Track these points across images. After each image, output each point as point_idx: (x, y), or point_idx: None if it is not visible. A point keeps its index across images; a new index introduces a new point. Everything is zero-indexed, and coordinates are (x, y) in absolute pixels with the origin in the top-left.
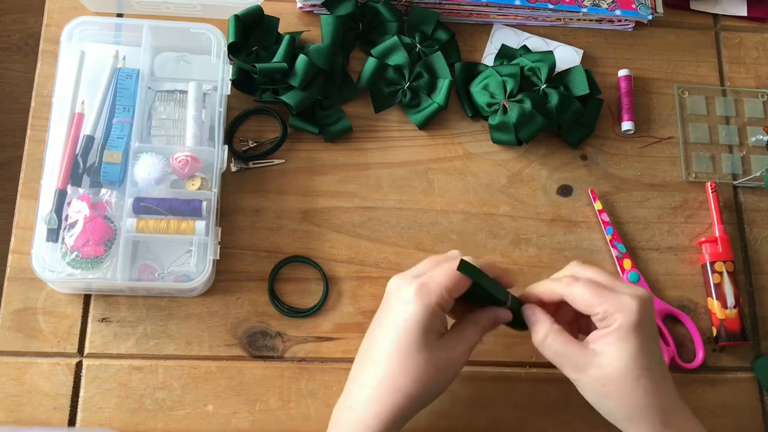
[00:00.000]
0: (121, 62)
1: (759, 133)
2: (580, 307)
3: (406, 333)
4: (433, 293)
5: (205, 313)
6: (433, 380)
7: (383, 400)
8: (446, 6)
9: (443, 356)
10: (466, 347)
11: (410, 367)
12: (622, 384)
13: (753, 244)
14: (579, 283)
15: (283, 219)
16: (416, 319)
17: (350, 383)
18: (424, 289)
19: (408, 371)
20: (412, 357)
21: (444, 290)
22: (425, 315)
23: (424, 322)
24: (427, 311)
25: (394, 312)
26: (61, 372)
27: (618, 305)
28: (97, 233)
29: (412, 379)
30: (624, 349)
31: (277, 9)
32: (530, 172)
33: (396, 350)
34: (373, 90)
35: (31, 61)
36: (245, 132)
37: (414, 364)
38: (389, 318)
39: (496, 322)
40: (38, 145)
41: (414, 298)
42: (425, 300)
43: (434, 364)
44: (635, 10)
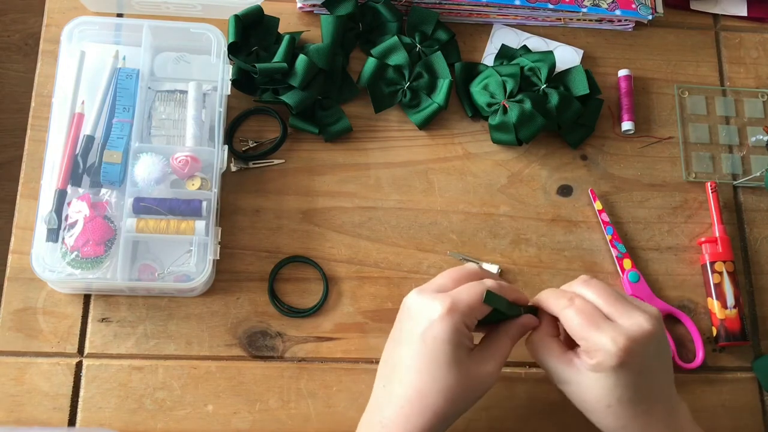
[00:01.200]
0: (121, 62)
1: (759, 133)
2: (569, 333)
3: (436, 351)
4: (462, 313)
5: (205, 313)
6: (464, 398)
7: (414, 419)
8: (446, 6)
9: (473, 373)
10: (498, 362)
11: (441, 386)
12: (594, 407)
13: (753, 244)
14: (572, 308)
15: (283, 219)
16: (446, 338)
17: (377, 398)
18: (453, 308)
19: (439, 390)
20: (443, 375)
21: (471, 311)
22: (453, 334)
23: (453, 341)
24: (455, 331)
25: (421, 329)
26: (61, 372)
27: (598, 345)
28: (97, 233)
29: (443, 398)
30: (598, 380)
31: (277, 9)
32: (530, 172)
33: (426, 368)
34: (373, 90)
35: (31, 61)
36: (245, 132)
37: (445, 382)
38: (413, 335)
39: (525, 329)
40: (38, 145)
41: (444, 316)
42: (454, 319)
43: (464, 382)
44: (635, 10)
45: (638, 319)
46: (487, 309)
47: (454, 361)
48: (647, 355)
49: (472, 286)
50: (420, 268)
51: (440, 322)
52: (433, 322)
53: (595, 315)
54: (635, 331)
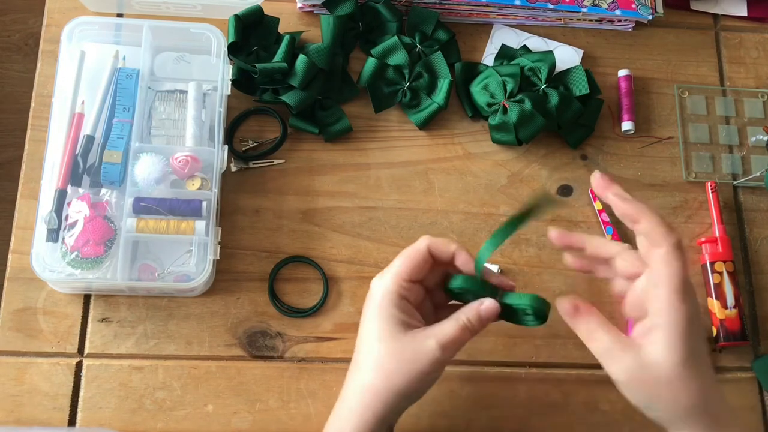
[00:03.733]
0: (121, 62)
1: (759, 133)
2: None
3: (367, 322)
4: (386, 279)
5: (205, 313)
6: (397, 373)
7: (352, 395)
8: (446, 6)
9: (408, 348)
10: (439, 341)
11: (372, 357)
12: (669, 386)
13: (753, 244)
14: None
15: (283, 219)
16: (374, 306)
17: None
18: (378, 278)
19: (370, 362)
20: (374, 347)
21: (398, 276)
22: (383, 302)
23: (382, 310)
24: (384, 298)
25: (365, 305)
26: (61, 372)
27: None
28: (97, 233)
29: (373, 371)
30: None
31: (277, 9)
32: (530, 172)
33: (360, 342)
34: (373, 90)
35: (31, 61)
36: (245, 132)
37: (376, 354)
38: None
39: (482, 315)
40: (38, 145)
41: (374, 290)
42: (380, 287)
43: (395, 356)
44: (635, 10)
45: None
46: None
47: (384, 334)
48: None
49: (402, 253)
50: None
51: (372, 297)
52: (368, 295)
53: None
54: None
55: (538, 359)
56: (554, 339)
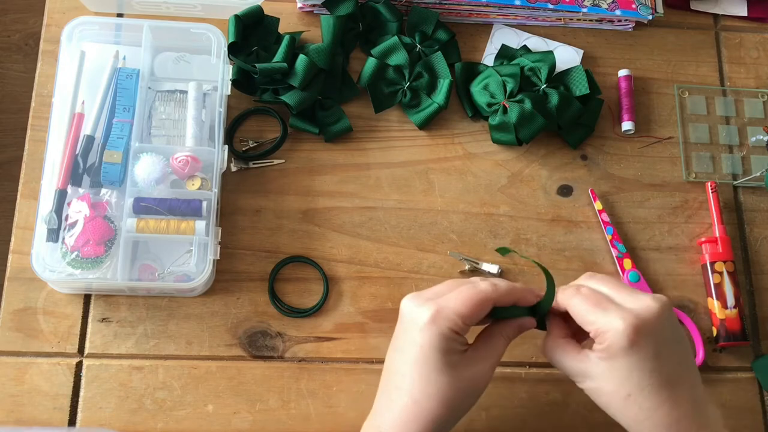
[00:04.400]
0: (121, 62)
1: (759, 133)
2: (577, 321)
3: (425, 358)
4: (448, 320)
5: (205, 313)
6: (459, 400)
7: (410, 425)
8: (446, 6)
9: (467, 375)
10: (491, 363)
11: (433, 391)
12: (614, 400)
13: (753, 244)
14: (579, 295)
15: (283, 219)
16: (432, 345)
17: (378, 403)
18: (438, 315)
19: (432, 395)
20: (435, 381)
21: (458, 317)
22: (441, 341)
23: (441, 347)
24: (443, 337)
25: (411, 337)
26: (61, 372)
27: (607, 326)
28: (97, 233)
29: (437, 403)
30: (613, 369)
31: (277, 9)
32: (530, 172)
33: (417, 375)
34: (373, 90)
35: (31, 61)
36: (245, 132)
37: (437, 388)
38: (406, 343)
39: (521, 329)
40: (38, 145)
41: (428, 325)
42: (440, 326)
43: (457, 385)
44: (635, 10)
45: (646, 301)
46: (481, 312)
47: (444, 366)
48: (660, 338)
49: (462, 290)
50: (420, 268)
51: (426, 330)
52: (419, 329)
53: (602, 299)
54: (643, 310)
55: (538, 359)
56: None
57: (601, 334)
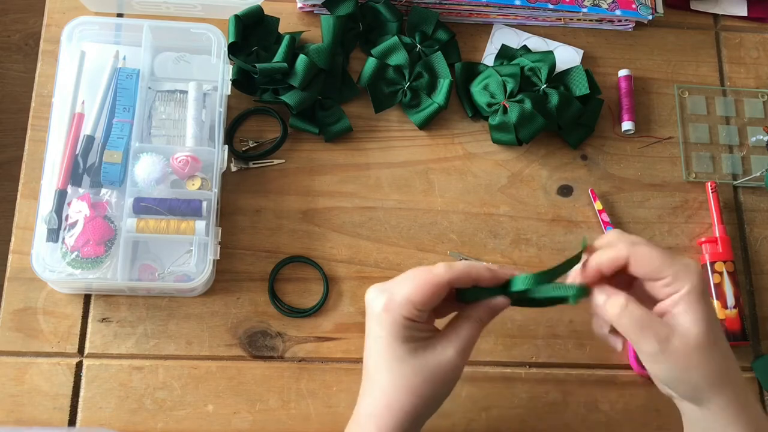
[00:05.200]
0: (121, 62)
1: (759, 133)
2: (645, 270)
3: (386, 348)
4: (400, 307)
5: (205, 313)
6: (426, 388)
7: (382, 417)
8: (446, 6)
9: (432, 362)
10: (458, 348)
11: (398, 381)
12: (705, 350)
13: (753, 244)
14: (641, 245)
15: (283, 219)
16: (389, 334)
17: (360, 392)
18: (389, 304)
19: (398, 385)
20: (397, 371)
21: (410, 304)
22: (397, 329)
23: (399, 336)
24: (398, 326)
25: (371, 327)
26: (61, 372)
27: (685, 268)
28: (97, 233)
29: (404, 392)
30: (700, 313)
31: (277, 9)
32: (530, 172)
33: (382, 366)
34: (373, 90)
35: (31, 61)
36: (245, 132)
37: (401, 377)
38: (370, 333)
39: (493, 310)
40: (38, 145)
41: (383, 314)
42: (393, 315)
43: (422, 373)
44: (635, 10)
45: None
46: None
47: (406, 354)
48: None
49: (415, 276)
50: None
51: (382, 320)
52: (376, 320)
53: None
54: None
55: (538, 359)
56: (554, 339)
57: (681, 278)
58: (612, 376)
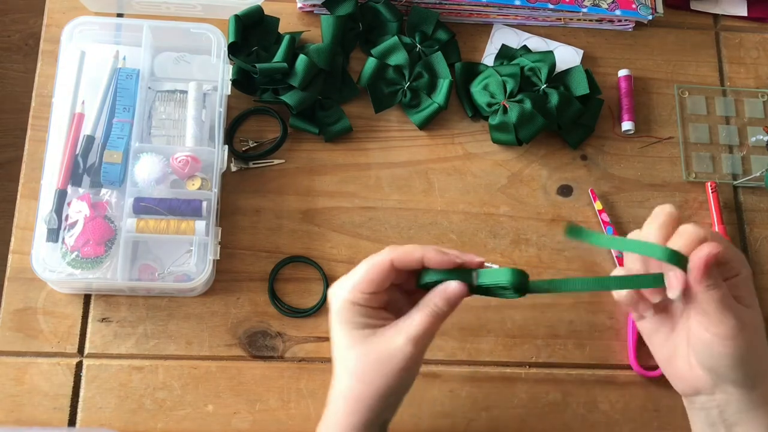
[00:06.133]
0: (121, 62)
1: (759, 133)
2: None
3: (336, 335)
4: (345, 291)
5: (205, 313)
6: (375, 375)
7: (338, 401)
8: (446, 6)
9: (379, 348)
10: (408, 336)
11: (346, 365)
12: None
13: (753, 244)
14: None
15: (283, 219)
16: (337, 320)
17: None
18: (337, 290)
19: (345, 370)
20: (344, 357)
21: (354, 288)
22: (342, 314)
23: (344, 321)
24: (343, 311)
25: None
26: (61, 372)
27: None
28: (97, 233)
29: (351, 377)
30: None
31: (277, 9)
32: (530, 172)
33: (335, 353)
34: (373, 90)
35: (31, 61)
36: (245, 132)
37: (350, 361)
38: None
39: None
40: (38, 145)
41: (332, 301)
42: (338, 297)
43: (368, 359)
44: (635, 10)
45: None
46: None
47: (352, 340)
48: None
49: (363, 262)
50: None
51: (332, 306)
52: (331, 307)
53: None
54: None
55: (538, 359)
56: (554, 339)
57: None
58: (612, 376)
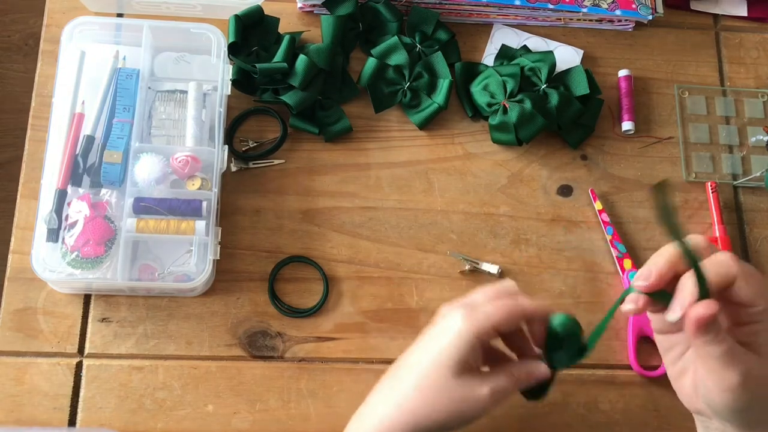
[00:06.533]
0: (121, 62)
1: (759, 133)
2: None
3: (438, 355)
4: (478, 320)
5: (205, 313)
6: (443, 412)
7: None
8: (446, 6)
9: (460, 392)
10: (490, 392)
11: (424, 385)
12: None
13: (753, 244)
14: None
15: (283, 219)
16: (451, 338)
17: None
18: (470, 313)
19: (419, 388)
20: (431, 381)
21: (489, 322)
22: (462, 338)
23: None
24: (466, 335)
25: (436, 333)
26: (61, 372)
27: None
28: (97, 233)
29: (420, 398)
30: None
31: (277, 9)
32: (530, 172)
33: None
34: (373, 90)
35: (31, 61)
36: (245, 132)
37: (428, 383)
38: (429, 339)
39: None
40: (38, 145)
41: (456, 318)
42: (468, 323)
43: (447, 393)
44: (635, 10)
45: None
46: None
47: (448, 372)
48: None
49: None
50: (420, 268)
51: (452, 325)
52: (448, 327)
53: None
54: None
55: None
56: None
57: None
58: (612, 376)
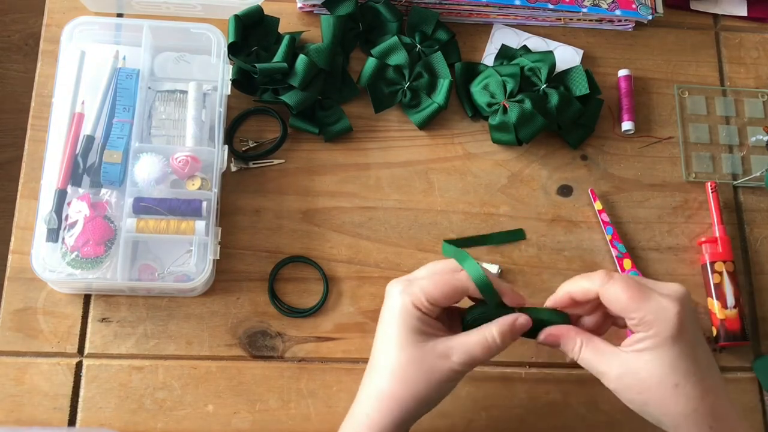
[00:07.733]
0: (121, 62)
1: (759, 133)
2: (614, 310)
3: (386, 329)
4: (413, 293)
5: (205, 313)
6: (416, 381)
7: (367, 401)
8: (446, 6)
9: (429, 356)
10: (462, 359)
11: (391, 364)
12: (658, 392)
13: (753, 244)
14: (615, 281)
15: (283, 219)
16: (395, 314)
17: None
18: (406, 287)
19: (389, 369)
20: (393, 354)
21: (423, 293)
22: (402, 313)
23: (403, 318)
24: (404, 309)
25: (384, 312)
26: (61, 372)
27: (656, 312)
28: (97, 233)
29: (393, 377)
30: (659, 359)
31: (277, 9)
32: (530, 172)
33: (379, 346)
34: (373, 90)
35: (31, 61)
36: (245, 132)
37: (395, 361)
38: (381, 320)
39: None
40: (38, 145)
41: (396, 296)
42: (401, 297)
43: (416, 363)
44: (635, 10)
45: (673, 287)
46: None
47: (407, 344)
48: (696, 324)
49: (436, 272)
50: None
51: (392, 301)
52: (388, 301)
53: (642, 285)
54: (681, 294)
55: (538, 359)
56: None
57: (648, 322)
58: None
